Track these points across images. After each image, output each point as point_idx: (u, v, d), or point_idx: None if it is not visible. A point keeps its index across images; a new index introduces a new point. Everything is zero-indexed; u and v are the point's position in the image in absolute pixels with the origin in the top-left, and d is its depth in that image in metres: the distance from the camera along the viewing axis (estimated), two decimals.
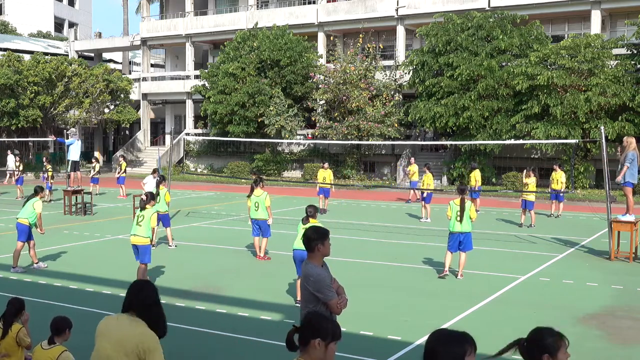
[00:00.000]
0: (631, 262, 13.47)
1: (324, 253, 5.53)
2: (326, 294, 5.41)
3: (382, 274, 12.50)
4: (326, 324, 3.53)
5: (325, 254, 5.54)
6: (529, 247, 15.42)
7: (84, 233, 17.34)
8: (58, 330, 5.82)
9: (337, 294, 5.55)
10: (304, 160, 36.76)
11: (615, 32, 32.22)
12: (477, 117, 29.22)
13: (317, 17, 38.53)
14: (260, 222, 13.56)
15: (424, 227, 18.67)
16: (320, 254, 5.51)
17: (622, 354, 8.02)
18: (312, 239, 5.49)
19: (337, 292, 5.55)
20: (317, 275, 5.43)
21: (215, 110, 35.97)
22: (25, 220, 12.53)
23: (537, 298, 10.63)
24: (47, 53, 44.10)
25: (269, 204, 13.66)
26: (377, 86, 33.98)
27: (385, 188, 31.66)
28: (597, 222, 18.67)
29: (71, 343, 6.00)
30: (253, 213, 13.68)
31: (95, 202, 22.44)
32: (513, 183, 28.80)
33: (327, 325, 3.52)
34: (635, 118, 26.72)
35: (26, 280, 11.82)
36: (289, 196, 27.27)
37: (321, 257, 5.55)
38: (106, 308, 9.82)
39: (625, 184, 13.71)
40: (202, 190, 30.63)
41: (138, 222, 11.05)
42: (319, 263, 5.53)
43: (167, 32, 44.30)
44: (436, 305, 10.21)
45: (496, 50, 29.81)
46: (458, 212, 11.69)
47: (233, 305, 10.12)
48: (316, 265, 5.51)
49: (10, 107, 36.57)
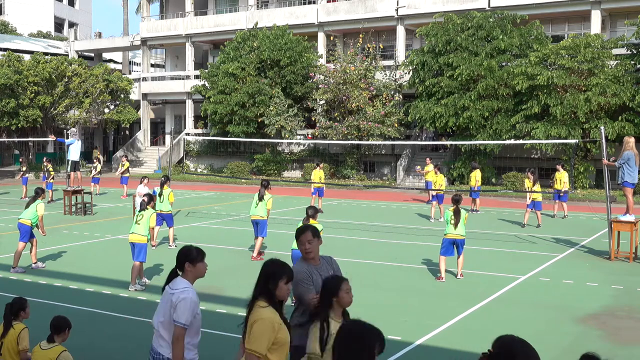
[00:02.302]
0: (631, 262, 13.47)
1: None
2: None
3: (382, 274, 12.50)
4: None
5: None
6: (529, 247, 15.41)
7: (84, 233, 17.34)
8: (57, 329, 5.83)
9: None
10: (304, 160, 36.75)
11: (615, 32, 32.22)
12: (477, 117, 29.22)
13: (317, 17, 38.53)
14: (259, 220, 13.73)
15: (423, 227, 18.67)
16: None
17: (622, 354, 8.02)
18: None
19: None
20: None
21: (215, 110, 35.97)
22: (28, 221, 12.61)
23: (537, 298, 10.63)
24: (47, 53, 44.08)
25: (270, 206, 13.99)
26: (377, 86, 33.98)
27: (385, 188, 31.67)
28: (597, 222, 18.67)
29: (71, 343, 6.00)
30: (252, 210, 13.89)
31: (95, 202, 22.44)
32: (513, 183, 28.79)
33: None
34: (635, 118, 26.72)
35: (26, 280, 11.82)
36: (289, 196, 27.27)
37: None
38: (106, 308, 9.83)
39: (624, 184, 13.71)
40: (202, 190, 30.63)
41: (137, 221, 11.39)
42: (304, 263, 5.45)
43: (167, 32, 44.31)
44: (436, 305, 10.20)
45: (496, 50, 29.82)
46: (452, 217, 11.69)
47: (233, 305, 10.11)
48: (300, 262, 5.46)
49: (10, 107, 36.56)
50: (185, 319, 4.70)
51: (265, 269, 4.46)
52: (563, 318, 9.41)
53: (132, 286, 10.96)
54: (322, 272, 5.35)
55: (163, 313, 4.88)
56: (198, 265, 4.96)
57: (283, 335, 4.27)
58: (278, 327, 4.24)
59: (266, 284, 4.36)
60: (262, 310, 4.26)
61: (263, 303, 4.30)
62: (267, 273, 4.42)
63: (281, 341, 4.25)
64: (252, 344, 4.18)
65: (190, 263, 4.93)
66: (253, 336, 4.20)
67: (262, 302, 4.31)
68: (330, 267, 5.50)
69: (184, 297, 4.74)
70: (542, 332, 8.78)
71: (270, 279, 4.37)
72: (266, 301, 4.31)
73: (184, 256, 4.95)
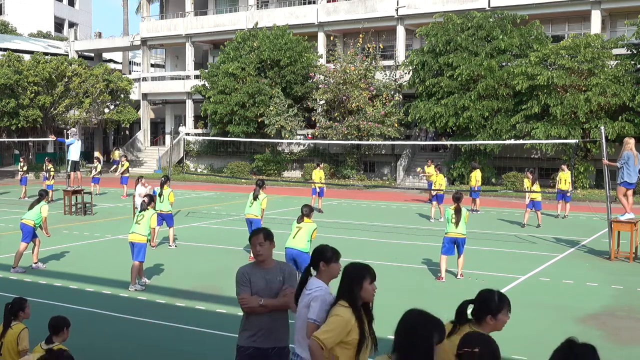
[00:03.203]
0: (631, 262, 13.47)
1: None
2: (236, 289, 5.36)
3: (381, 274, 12.41)
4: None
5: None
6: (529, 247, 15.41)
7: (84, 233, 17.33)
8: (56, 330, 5.82)
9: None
10: (304, 160, 36.75)
11: (615, 32, 32.22)
12: (477, 117, 29.21)
13: (317, 17, 38.53)
14: (253, 219, 13.84)
15: (423, 227, 18.67)
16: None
17: (622, 354, 8.02)
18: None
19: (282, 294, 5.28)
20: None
21: (215, 110, 35.98)
22: (31, 222, 12.70)
23: (537, 298, 10.62)
24: (47, 53, 44.08)
25: (265, 206, 14.09)
26: (377, 86, 33.98)
27: (385, 188, 31.67)
28: (597, 222, 18.66)
29: (71, 343, 6.00)
30: (247, 209, 14.01)
31: (95, 202, 22.44)
32: (513, 183, 28.79)
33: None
34: (635, 118, 26.72)
35: (26, 280, 11.82)
36: (288, 196, 27.27)
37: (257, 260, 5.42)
38: (106, 308, 9.83)
39: (622, 184, 13.69)
40: (202, 190, 30.63)
41: (137, 220, 11.42)
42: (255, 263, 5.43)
43: (167, 32, 44.31)
44: (436, 305, 10.16)
45: (496, 50, 29.81)
46: (453, 215, 11.69)
47: (233, 305, 10.10)
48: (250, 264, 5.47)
49: (10, 107, 36.57)
50: (316, 316, 4.72)
51: (348, 273, 4.51)
52: (563, 318, 9.40)
53: (132, 286, 10.96)
54: (269, 276, 5.29)
55: (299, 315, 4.94)
56: (332, 265, 4.97)
57: (354, 337, 4.35)
58: (351, 329, 4.33)
59: (350, 287, 4.43)
60: (342, 308, 4.38)
61: (344, 303, 4.42)
62: (350, 276, 4.47)
63: (352, 343, 4.35)
64: (321, 333, 4.32)
65: (325, 262, 4.95)
66: (325, 327, 4.35)
67: (343, 302, 4.43)
68: (282, 273, 5.36)
69: (316, 295, 4.77)
70: (542, 332, 8.79)
71: (354, 282, 4.43)
72: (348, 303, 4.41)
73: (319, 255, 4.99)
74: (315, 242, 11.27)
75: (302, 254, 9.91)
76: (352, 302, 4.39)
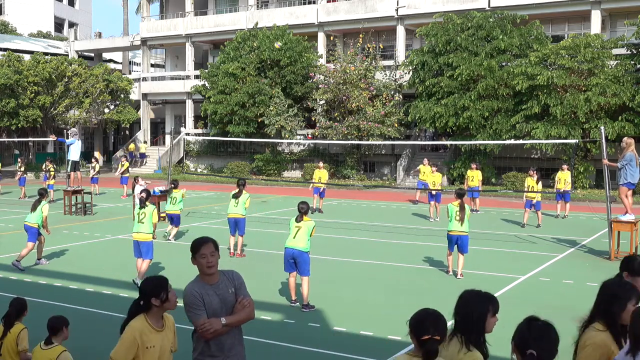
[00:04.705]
0: None
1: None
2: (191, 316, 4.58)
3: (381, 274, 12.49)
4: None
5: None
6: (529, 247, 15.41)
7: (84, 233, 17.34)
8: (54, 330, 5.81)
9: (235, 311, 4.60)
10: (304, 160, 36.76)
11: (615, 32, 32.21)
12: (477, 117, 29.22)
13: (317, 17, 38.53)
14: (238, 219, 13.99)
15: (423, 227, 18.66)
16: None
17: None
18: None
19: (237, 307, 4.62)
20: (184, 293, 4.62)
21: (215, 110, 35.98)
22: (35, 224, 12.89)
23: (537, 298, 10.62)
24: (47, 53, 44.09)
25: (248, 205, 14.34)
26: (377, 86, 33.98)
27: (385, 188, 31.67)
28: (597, 222, 18.66)
29: (71, 343, 6.00)
30: (231, 209, 14.14)
31: (95, 202, 22.44)
32: (513, 183, 28.79)
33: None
34: (635, 118, 26.71)
35: (26, 280, 11.82)
36: (289, 196, 27.26)
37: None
38: (106, 308, 9.82)
39: (626, 184, 13.70)
40: (202, 190, 30.63)
41: (140, 219, 11.41)
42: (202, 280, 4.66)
43: (167, 32, 44.31)
44: (436, 305, 10.15)
45: (496, 50, 29.81)
46: (457, 212, 11.72)
47: None
48: (196, 280, 4.69)
49: (10, 107, 36.58)
50: None
51: (609, 290, 4.03)
52: (563, 318, 9.36)
53: (139, 280, 10.95)
54: (220, 291, 4.62)
55: None
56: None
57: None
58: (607, 355, 3.86)
59: (609, 306, 3.93)
60: (598, 333, 3.91)
61: (600, 326, 3.95)
62: (613, 293, 3.97)
63: None
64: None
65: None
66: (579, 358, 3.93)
67: (599, 325, 3.96)
68: (232, 283, 4.71)
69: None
70: None
71: (615, 301, 3.92)
72: (604, 325, 3.95)
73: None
74: (315, 241, 11.28)
75: (302, 254, 9.91)
76: (609, 324, 3.95)
